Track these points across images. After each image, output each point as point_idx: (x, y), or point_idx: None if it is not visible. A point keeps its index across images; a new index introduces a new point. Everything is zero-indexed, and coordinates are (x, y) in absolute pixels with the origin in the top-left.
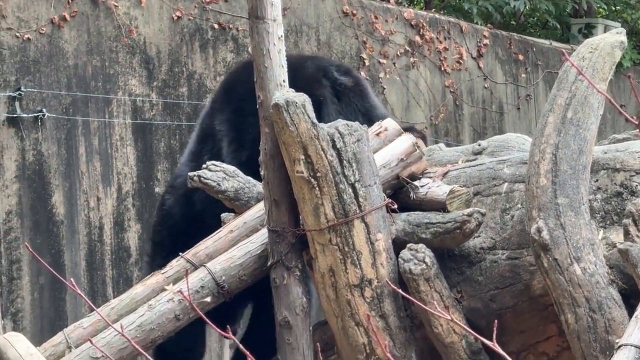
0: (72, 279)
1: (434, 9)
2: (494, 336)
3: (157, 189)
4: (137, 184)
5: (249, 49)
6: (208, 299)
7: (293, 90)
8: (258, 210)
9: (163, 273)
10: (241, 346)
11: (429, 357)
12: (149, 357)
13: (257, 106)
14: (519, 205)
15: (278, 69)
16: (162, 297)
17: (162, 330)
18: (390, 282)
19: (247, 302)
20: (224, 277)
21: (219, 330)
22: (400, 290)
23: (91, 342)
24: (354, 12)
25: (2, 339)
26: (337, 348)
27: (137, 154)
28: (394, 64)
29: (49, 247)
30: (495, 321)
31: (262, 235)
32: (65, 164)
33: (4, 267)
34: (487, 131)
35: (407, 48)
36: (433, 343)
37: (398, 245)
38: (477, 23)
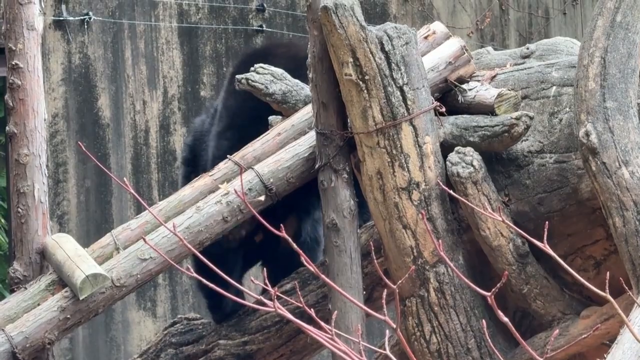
0: (125, 179)
1: None
2: (544, 238)
3: (202, 93)
4: (182, 88)
5: None
6: (262, 198)
7: None
8: (306, 113)
9: (211, 175)
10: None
11: (476, 260)
12: (200, 256)
13: (306, 10)
14: (567, 109)
15: None
16: (210, 199)
17: (210, 233)
18: (438, 186)
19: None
20: (271, 180)
21: (273, 229)
22: (451, 191)
23: (144, 239)
24: None
25: (51, 240)
26: (384, 251)
27: (183, 58)
28: None
29: (95, 150)
30: (547, 222)
31: (310, 138)
32: (111, 67)
33: (50, 170)
34: (533, 36)
35: None
36: (480, 246)
37: (446, 148)
38: None
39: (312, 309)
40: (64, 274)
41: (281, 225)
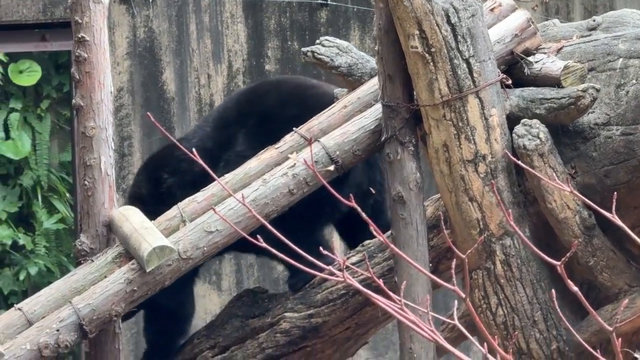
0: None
1: None
2: (613, 209)
3: (267, 67)
4: (247, 62)
5: None
6: (331, 168)
7: None
8: (372, 85)
9: (277, 148)
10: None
11: (542, 233)
12: (269, 226)
13: None
14: (634, 81)
15: None
16: (276, 171)
17: (276, 205)
18: (505, 156)
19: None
20: (337, 152)
21: (343, 199)
22: (520, 162)
23: (214, 210)
24: None
25: (117, 213)
26: (450, 224)
27: (248, 32)
28: None
29: (159, 123)
30: (615, 193)
31: (376, 111)
32: (176, 41)
33: (115, 144)
34: (598, 9)
35: None
36: (546, 219)
37: (512, 121)
38: None
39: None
40: (130, 247)
41: (351, 195)
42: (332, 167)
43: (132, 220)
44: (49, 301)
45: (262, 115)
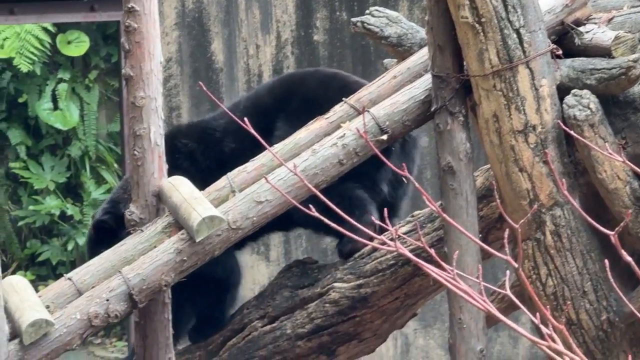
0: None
1: None
2: None
3: (315, 37)
4: (295, 32)
5: None
6: (384, 137)
7: None
8: (421, 56)
9: (326, 118)
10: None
11: (592, 203)
12: (321, 196)
13: None
14: None
15: None
16: (325, 141)
17: (326, 175)
18: (555, 127)
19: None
20: (387, 122)
21: (397, 169)
22: (572, 132)
23: (266, 179)
24: None
25: (167, 183)
26: (500, 194)
27: (296, 2)
28: None
29: (208, 94)
30: None
31: (426, 81)
32: (224, 11)
33: (164, 114)
34: None
35: None
36: (596, 189)
37: (562, 91)
38: None
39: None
40: (180, 217)
41: (403, 164)
42: (384, 137)
43: (181, 190)
44: (99, 271)
45: (304, 98)
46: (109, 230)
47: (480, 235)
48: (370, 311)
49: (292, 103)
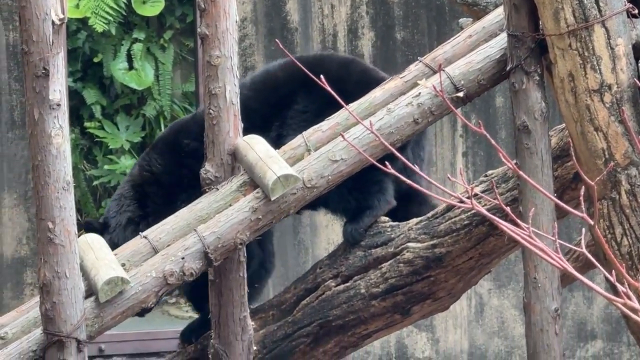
0: (322, 77)
1: None
2: None
3: None
4: None
5: None
6: (460, 94)
7: None
8: (497, 15)
9: (401, 77)
10: None
11: None
12: (397, 153)
13: None
14: None
15: None
16: (400, 101)
17: (401, 134)
18: (631, 86)
19: None
20: (462, 82)
21: (468, 123)
22: None
23: (342, 136)
24: None
25: (242, 142)
26: (575, 153)
27: None
28: None
29: (283, 53)
30: None
31: (501, 40)
32: None
33: (239, 74)
34: None
35: None
36: None
37: (638, 50)
38: None
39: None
40: (255, 175)
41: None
42: (461, 94)
43: (256, 148)
44: (174, 229)
45: (325, 77)
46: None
47: (555, 195)
48: (445, 271)
49: (311, 82)
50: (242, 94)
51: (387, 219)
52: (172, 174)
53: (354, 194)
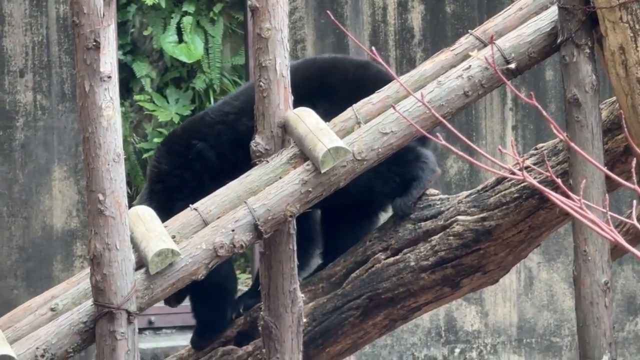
0: (373, 48)
1: None
2: None
3: None
4: None
5: None
6: (512, 65)
7: None
8: None
9: (452, 50)
10: None
11: None
12: (448, 125)
13: None
14: None
15: None
16: (451, 73)
17: (451, 107)
18: None
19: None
20: (513, 54)
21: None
22: None
23: (394, 108)
24: None
25: (292, 114)
26: (626, 126)
27: None
28: None
29: (332, 26)
30: None
31: (552, 13)
32: None
33: (289, 47)
34: None
35: None
36: None
37: None
38: None
39: (554, 183)
40: (305, 148)
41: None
42: (512, 65)
43: (307, 121)
44: (224, 201)
45: (343, 79)
46: None
47: (606, 168)
48: (495, 244)
49: (330, 83)
50: (230, 103)
51: (436, 192)
52: (175, 175)
53: (394, 169)
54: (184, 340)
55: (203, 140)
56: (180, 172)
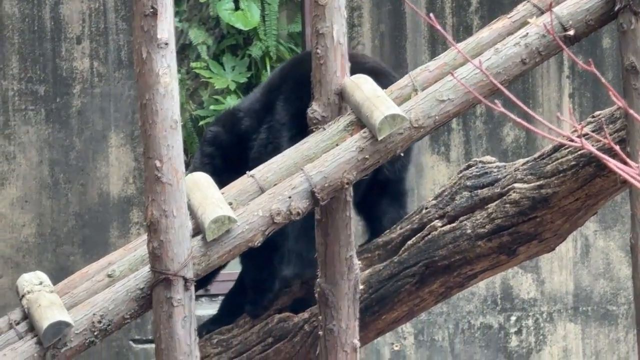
0: (431, 15)
1: None
2: None
3: None
4: None
5: None
6: (571, 32)
7: None
8: None
9: (509, 17)
10: None
11: None
12: (506, 91)
13: None
14: None
15: None
16: (508, 41)
17: (508, 75)
18: None
19: None
20: (570, 22)
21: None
22: None
23: (452, 75)
24: None
25: (349, 81)
26: None
27: None
28: None
29: None
30: None
31: None
32: None
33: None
34: None
35: None
36: None
37: None
38: None
39: (612, 151)
40: (362, 115)
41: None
42: (571, 32)
43: (364, 88)
44: (281, 168)
45: (297, 81)
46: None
47: None
48: (551, 212)
49: (287, 85)
50: (255, 94)
51: (493, 159)
52: (202, 164)
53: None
54: None
55: (221, 127)
56: (202, 158)
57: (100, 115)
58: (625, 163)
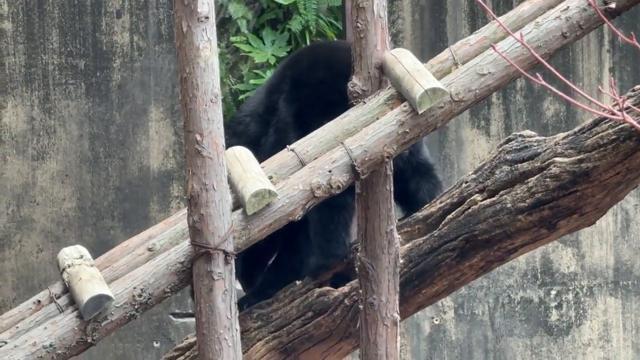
0: (249, 116)
1: None
2: None
3: None
4: None
5: None
6: (612, 5)
7: None
8: None
9: None
10: None
11: None
12: (546, 64)
13: None
14: None
15: None
16: (549, 14)
17: (549, 48)
18: None
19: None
20: None
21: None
22: None
23: (493, 47)
24: None
25: (389, 55)
26: None
27: None
28: None
29: None
30: None
31: None
32: None
33: None
34: None
35: None
36: None
37: None
38: None
39: None
40: (402, 89)
41: None
42: (613, 5)
43: (404, 62)
44: (321, 142)
45: (294, 80)
46: None
47: None
48: (592, 186)
49: (286, 85)
50: (258, 96)
51: (533, 133)
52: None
53: None
54: None
55: (242, 111)
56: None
57: (140, 89)
58: None
